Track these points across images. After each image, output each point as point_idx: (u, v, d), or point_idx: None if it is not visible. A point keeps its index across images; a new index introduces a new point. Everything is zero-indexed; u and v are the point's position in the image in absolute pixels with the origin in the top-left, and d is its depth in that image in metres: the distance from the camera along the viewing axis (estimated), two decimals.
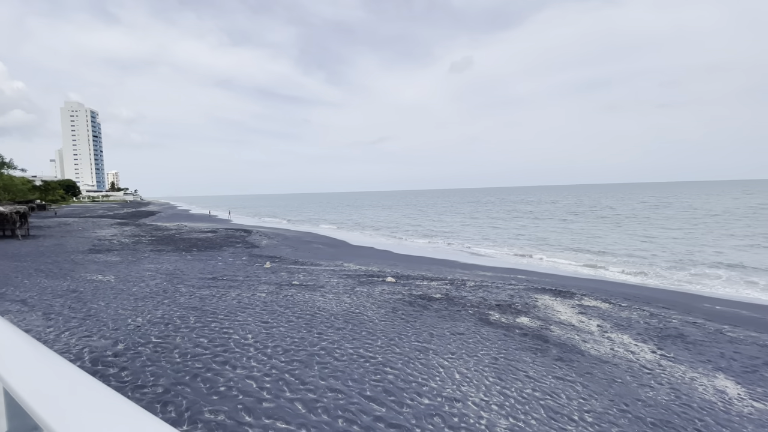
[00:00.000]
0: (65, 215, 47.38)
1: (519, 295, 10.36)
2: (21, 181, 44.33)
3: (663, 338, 7.56)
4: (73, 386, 0.60)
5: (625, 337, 7.52)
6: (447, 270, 15.13)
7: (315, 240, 26.02)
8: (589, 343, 7.09)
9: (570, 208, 59.90)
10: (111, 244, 19.72)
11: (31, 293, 9.25)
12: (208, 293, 9.40)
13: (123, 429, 0.47)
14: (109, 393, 0.55)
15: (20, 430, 0.92)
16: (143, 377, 4.97)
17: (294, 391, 4.73)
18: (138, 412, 0.50)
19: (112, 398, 0.54)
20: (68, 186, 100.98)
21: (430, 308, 8.71)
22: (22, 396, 0.57)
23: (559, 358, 6.29)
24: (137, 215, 50.93)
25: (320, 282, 11.16)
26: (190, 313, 7.75)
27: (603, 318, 8.63)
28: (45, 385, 0.63)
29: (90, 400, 0.54)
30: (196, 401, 4.43)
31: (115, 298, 8.79)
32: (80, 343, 6.10)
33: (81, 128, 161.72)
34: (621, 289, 12.56)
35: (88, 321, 7.17)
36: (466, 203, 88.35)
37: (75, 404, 0.55)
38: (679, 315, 9.31)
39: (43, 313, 7.67)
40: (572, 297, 10.40)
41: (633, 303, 10.21)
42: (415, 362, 5.78)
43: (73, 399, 0.57)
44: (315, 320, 7.53)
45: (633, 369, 6.11)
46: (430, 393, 4.89)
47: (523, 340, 7.03)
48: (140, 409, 0.50)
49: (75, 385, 0.60)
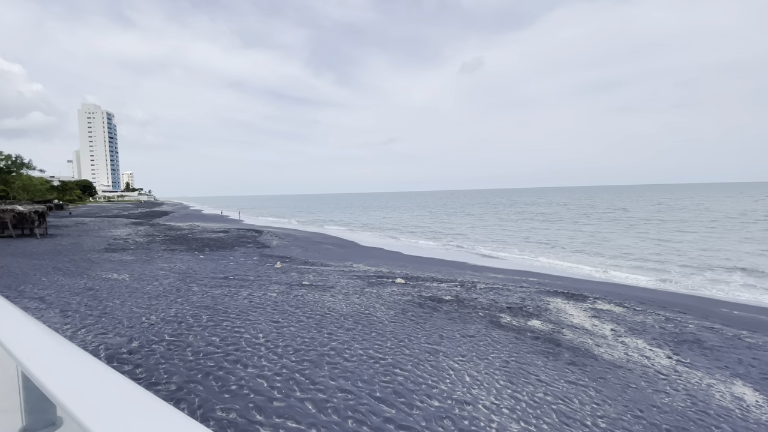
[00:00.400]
0: (82, 215, 48.46)
1: (530, 297, 10.25)
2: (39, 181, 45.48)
3: (679, 343, 7.40)
4: (100, 380, 0.61)
5: (639, 341, 7.38)
6: (457, 272, 15.05)
7: (325, 240, 26.13)
8: (602, 347, 6.98)
9: (582, 210, 59.09)
10: (126, 244, 20.10)
11: (49, 291, 9.48)
12: (220, 292, 9.52)
13: (148, 423, 0.48)
14: (136, 388, 0.56)
15: (37, 425, 0.94)
16: (157, 374, 5.05)
17: (304, 391, 4.76)
18: (164, 406, 0.50)
19: (138, 393, 0.55)
20: (85, 186, 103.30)
21: (440, 310, 8.68)
22: (50, 389, 0.58)
23: (571, 362, 6.20)
24: (151, 215, 51.82)
25: (330, 282, 11.21)
26: (202, 311, 7.86)
27: (617, 322, 8.49)
28: (71, 377, 0.64)
29: (117, 394, 0.55)
30: (208, 399, 4.48)
31: (130, 297, 8.96)
32: (96, 340, 6.23)
33: (97, 130, 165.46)
34: (635, 293, 12.33)
35: (103, 318, 7.32)
36: (476, 204, 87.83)
37: (100, 397, 0.56)
38: (695, 320, 9.11)
39: (61, 310, 7.85)
40: (585, 300, 10.25)
41: (648, 307, 10.01)
42: (425, 364, 5.76)
43: (100, 392, 0.58)
44: (325, 320, 7.56)
45: (648, 374, 5.99)
46: (440, 395, 4.87)
47: (535, 343, 6.95)
48: (167, 405, 0.51)
49: (102, 380, 0.61)
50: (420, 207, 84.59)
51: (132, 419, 0.49)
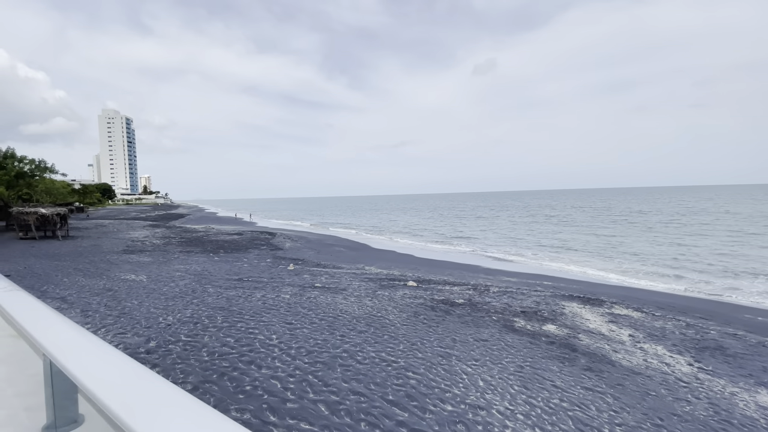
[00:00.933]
0: (101, 217, 49.79)
1: (545, 301, 10.09)
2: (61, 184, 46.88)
3: (700, 350, 7.19)
4: (127, 371, 0.63)
5: (659, 348, 7.19)
6: (469, 275, 14.93)
7: (337, 243, 26.25)
8: (620, 353, 6.82)
9: (598, 212, 57.99)
10: (143, 245, 20.56)
11: (70, 291, 9.75)
12: (235, 294, 9.64)
13: (180, 416, 0.49)
14: (164, 382, 0.58)
15: (60, 422, 0.97)
16: (173, 374, 5.14)
17: (317, 393, 4.78)
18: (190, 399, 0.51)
19: (166, 386, 0.56)
20: (104, 189, 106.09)
21: (453, 313, 8.61)
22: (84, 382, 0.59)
23: (588, 368, 6.08)
24: (168, 218, 52.89)
25: (342, 285, 11.24)
26: (217, 312, 7.97)
27: (635, 327, 8.29)
28: (102, 372, 0.66)
29: (148, 388, 0.57)
30: (223, 399, 4.54)
31: (147, 297, 9.15)
32: (115, 339, 6.38)
33: (117, 134, 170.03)
34: (654, 298, 12.03)
35: (122, 319, 7.50)
36: (488, 207, 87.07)
37: (132, 390, 0.57)
38: (717, 326, 8.83)
39: (81, 310, 8.07)
40: (601, 305, 10.04)
41: (667, 312, 9.76)
42: (438, 368, 5.73)
43: (131, 385, 0.59)
44: (337, 323, 7.58)
45: (668, 382, 5.83)
46: (453, 399, 4.82)
47: (550, 348, 6.84)
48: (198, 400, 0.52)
49: (129, 371, 0.63)
50: (431, 209, 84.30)
51: (158, 408, 0.51)
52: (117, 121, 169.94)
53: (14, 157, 32.02)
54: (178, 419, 0.49)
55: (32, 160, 33.21)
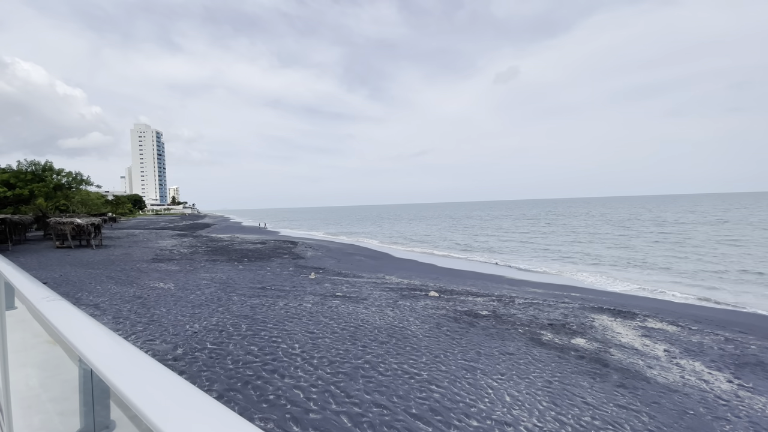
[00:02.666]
0: (132, 227, 51.83)
1: (573, 314, 9.75)
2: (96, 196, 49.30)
3: (740, 366, 6.74)
4: (164, 382, 0.63)
5: (696, 363, 6.79)
6: (493, 285, 14.62)
7: (357, 252, 26.32)
8: (655, 369, 6.48)
9: (627, 221, 55.94)
10: (171, 254, 21.22)
11: (102, 298, 10.14)
12: (258, 302, 9.78)
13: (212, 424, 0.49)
14: (197, 392, 0.58)
15: (92, 428, 0.99)
16: (199, 382, 5.22)
17: (340, 404, 4.74)
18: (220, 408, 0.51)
19: (199, 395, 0.56)
20: (135, 200, 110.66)
21: (477, 325, 8.43)
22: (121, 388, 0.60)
23: (621, 385, 5.80)
24: (194, 227, 54.52)
25: (363, 294, 11.22)
26: (242, 321, 8.09)
27: (670, 342, 7.88)
28: (137, 379, 0.67)
29: (183, 398, 0.57)
30: (247, 408, 4.57)
31: (175, 305, 9.40)
32: (144, 346, 6.56)
33: (147, 148, 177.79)
34: (689, 311, 11.42)
35: (151, 326, 7.71)
36: (512, 216, 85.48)
37: (167, 398, 0.58)
38: (758, 341, 8.28)
39: (113, 317, 8.36)
40: (633, 318, 9.61)
41: (704, 326, 9.23)
42: (462, 381, 5.59)
43: (166, 394, 0.59)
44: (359, 333, 7.55)
45: (707, 400, 5.48)
46: (478, 415, 4.69)
47: (580, 363, 6.57)
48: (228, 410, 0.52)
49: (166, 381, 0.63)
50: (453, 218, 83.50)
51: (188, 415, 0.50)
52: (148, 135, 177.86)
53: (52, 169, 33.93)
54: (208, 427, 0.48)
55: (69, 172, 35.11)
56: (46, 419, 1.55)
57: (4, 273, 1.80)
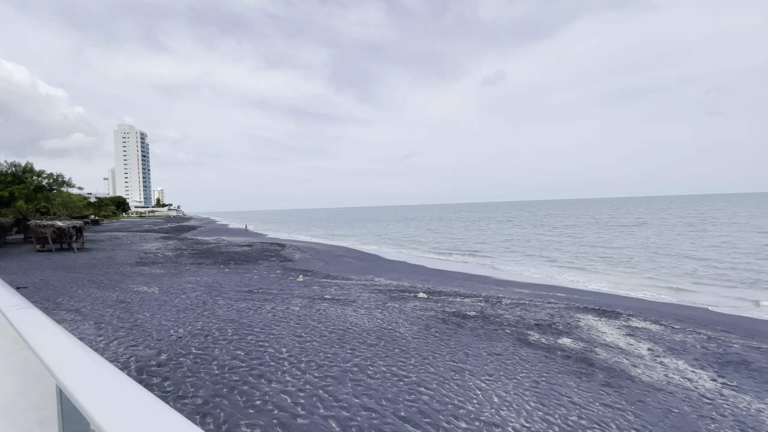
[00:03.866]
0: (115, 229, 50.68)
1: (560, 314, 9.86)
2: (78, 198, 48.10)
3: (724, 365, 6.91)
4: (130, 398, 0.61)
5: (680, 362, 6.94)
6: (481, 286, 14.72)
7: (346, 254, 26.22)
8: (639, 368, 6.59)
9: (610, 221, 57.06)
10: (156, 257, 20.80)
11: (84, 303, 9.86)
12: (245, 306, 9.64)
13: None
14: (166, 408, 0.56)
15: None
16: (184, 388, 5.11)
17: (328, 408, 4.69)
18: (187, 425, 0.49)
19: (169, 414, 0.54)
20: (119, 202, 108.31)
21: (465, 326, 8.46)
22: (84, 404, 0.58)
23: (606, 384, 5.88)
24: (179, 230, 53.61)
25: (352, 296, 11.17)
26: (227, 325, 7.96)
27: (654, 341, 8.03)
28: (104, 394, 0.64)
29: (148, 414, 0.55)
30: (234, 414, 4.48)
31: (159, 309, 9.19)
32: (127, 352, 6.39)
33: (131, 149, 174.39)
34: (672, 310, 11.68)
35: (134, 331, 7.53)
36: (498, 217, 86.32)
37: (130, 415, 0.56)
38: (740, 339, 8.50)
39: (95, 322, 8.13)
40: (618, 317, 9.77)
41: (687, 325, 9.45)
42: (451, 383, 5.60)
43: (129, 410, 0.57)
44: (347, 336, 7.50)
45: (691, 398, 5.60)
46: (467, 416, 4.69)
47: (566, 362, 6.64)
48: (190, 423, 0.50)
49: (132, 397, 0.61)
50: (441, 220, 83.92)
51: None
52: (132, 136, 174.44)
53: (33, 171, 33.00)
54: None
55: (50, 174, 34.19)
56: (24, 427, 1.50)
57: None
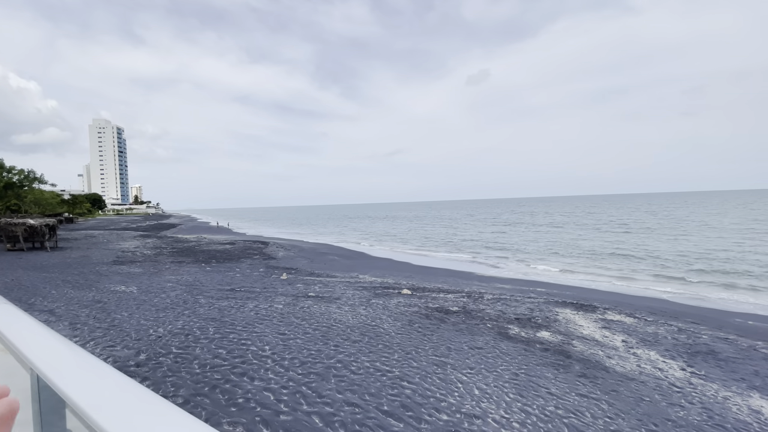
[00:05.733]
0: (91, 228, 49.06)
1: (539, 308, 10.12)
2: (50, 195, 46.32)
3: (693, 355, 7.24)
4: (117, 387, 0.62)
5: (652, 353, 7.23)
6: (464, 282, 14.93)
7: (330, 251, 26.13)
8: (613, 359, 6.84)
9: (588, 218, 58.62)
10: (134, 256, 20.27)
11: (58, 303, 9.56)
12: (227, 304, 9.52)
13: (163, 428, 0.49)
14: (151, 395, 0.57)
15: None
16: (164, 387, 5.04)
17: (311, 404, 4.71)
18: (180, 413, 0.51)
19: (153, 399, 0.56)
20: (94, 199, 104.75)
21: (448, 321, 8.59)
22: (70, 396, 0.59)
23: (582, 375, 6.08)
24: (159, 227, 52.29)
25: (336, 294, 11.17)
26: (209, 324, 7.86)
27: (628, 333, 8.34)
28: (88, 384, 0.65)
29: (133, 400, 0.56)
30: (215, 412, 4.46)
31: (138, 309, 9.00)
32: (104, 352, 6.25)
33: (107, 144, 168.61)
34: (646, 303, 12.13)
35: (111, 331, 7.35)
36: (482, 214, 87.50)
37: (117, 403, 0.57)
38: (709, 330, 8.91)
39: (70, 323, 7.90)
40: (594, 311, 10.09)
41: (659, 317, 9.83)
42: (433, 377, 5.69)
43: (116, 398, 0.59)
44: (331, 332, 7.52)
45: (662, 387, 5.85)
46: (448, 409, 4.79)
47: (544, 355, 6.84)
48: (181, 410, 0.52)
49: (119, 387, 0.62)
50: (426, 217, 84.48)
51: (148, 425, 0.50)
52: (108, 131, 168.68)
53: (3, 167, 31.63)
54: (157, 428, 0.48)
55: (21, 170, 32.83)
56: None
57: None
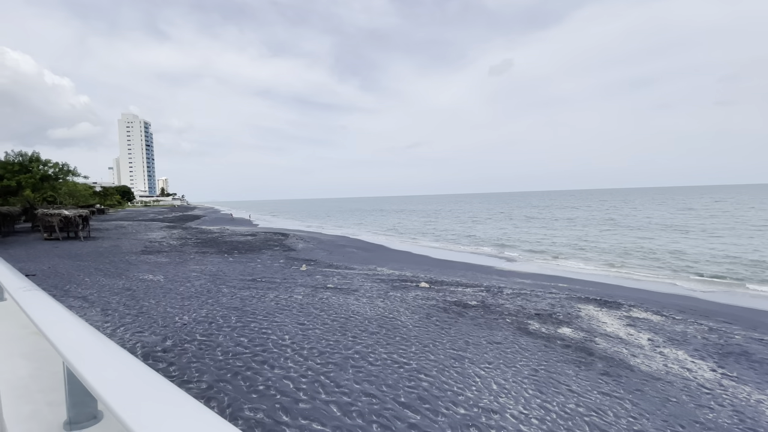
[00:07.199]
0: (121, 218, 51.09)
1: (560, 304, 9.91)
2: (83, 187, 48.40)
3: (724, 356, 6.94)
4: (139, 379, 0.64)
5: (680, 352, 6.98)
6: (482, 276, 14.78)
7: (349, 244, 26.33)
8: (638, 357, 6.64)
9: (615, 212, 56.75)
10: (161, 246, 21.00)
11: (91, 290, 10.02)
12: (248, 294, 9.76)
13: (182, 422, 0.49)
14: (172, 387, 0.58)
15: (80, 418, 0.99)
16: (189, 373, 5.22)
17: (329, 394, 4.78)
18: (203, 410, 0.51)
19: (174, 392, 0.56)
20: (124, 191, 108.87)
21: (466, 315, 8.53)
22: (93, 384, 0.60)
23: (605, 373, 5.93)
24: (184, 219, 53.93)
25: (354, 286, 11.26)
26: (231, 312, 8.08)
27: (654, 331, 8.06)
28: (112, 374, 0.67)
29: (154, 393, 0.57)
30: (237, 399, 4.59)
31: (164, 297, 9.33)
32: (133, 338, 6.52)
33: (135, 138, 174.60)
34: (674, 301, 11.69)
35: (140, 318, 7.66)
36: (504, 207, 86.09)
37: (138, 394, 0.58)
38: (742, 330, 8.52)
39: (102, 309, 8.28)
40: (619, 308, 9.80)
41: (688, 316, 9.46)
42: (450, 370, 5.67)
43: (138, 389, 0.60)
44: (349, 324, 7.59)
45: (690, 388, 5.64)
46: (465, 403, 4.77)
47: (566, 352, 6.70)
48: (204, 407, 0.52)
49: (141, 379, 0.63)
50: (444, 210, 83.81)
51: (167, 417, 0.51)
52: (136, 125, 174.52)
53: (39, 160, 33.16)
54: (179, 423, 0.49)
55: (56, 163, 34.36)
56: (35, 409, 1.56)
57: None
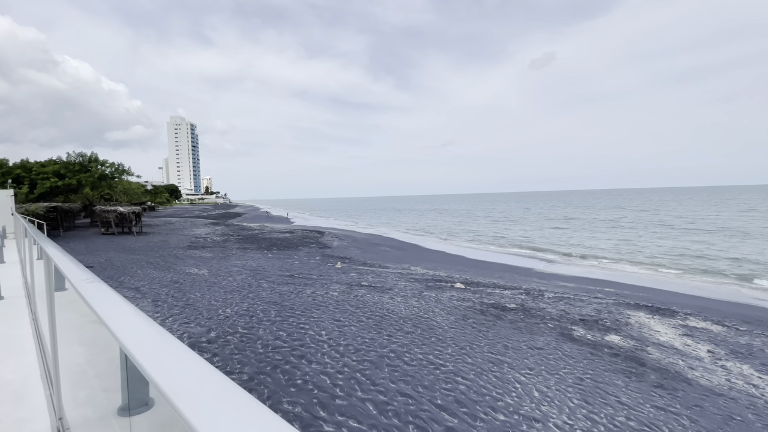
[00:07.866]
0: (169, 215, 54.29)
1: (607, 310, 9.36)
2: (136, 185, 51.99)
3: None
4: (192, 369, 0.64)
5: (744, 366, 6.36)
6: (521, 278, 14.28)
7: (383, 242, 26.40)
8: (697, 370, 6.12)
9: (666, 213, 52.99)
10: (205, 242, 22.08)
11: (143, 282, 10.69)
12: (287, 290, 10.01)
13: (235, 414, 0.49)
14: (225, 379, 0.57)
15: (133, 404, 1.03)
16: (231, 364, 5.41)
17: (365, 391, 4.78)
18: (258, 406, 0.50)
19: (226, 383, 0.56)
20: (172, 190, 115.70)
21: (504, 318, 8.26)
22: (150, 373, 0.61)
23: (659, 385, 5.52)
24: (226, 216, 56.44)
25: (388, 284, 11.25)
26: (271, 307, 8.32)
27: (715, 342, 7.42)
28: (166, 362, 0.68)
29: (207, 382, 0.57)
30: (276, 391, 4.69)
31: (209, 290, 9.78)
32: (181, 328, 6.87)
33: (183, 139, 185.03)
34: (737, 310, 10.70)
35: (187, 309, 8.07)
36: (541, 207, 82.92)
37: (193, 384, 0.58)
38: None
39: (152, 300, 8.80)
40: (674, 316, 9.11)
41: (754, 327, 8.63)
42: (489, 375, 5.50)
43: (192, 380, 0.60)
44: (384, 322, 7.58)
45: (756, 406, 5.13)
46: (505, 409, 4.60)
47: (614, 360, 6.31)
48: (259, 403, 0.50)
49: (194, 369, 0.64)
50: (482, 210, 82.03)
51: (221, 407, 0.51)
52: (183, 128, 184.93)
53: (97, 161, 35.94)
54: (234, 416, 0.48)
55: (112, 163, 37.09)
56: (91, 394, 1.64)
57: (53, 258, 1.92)
